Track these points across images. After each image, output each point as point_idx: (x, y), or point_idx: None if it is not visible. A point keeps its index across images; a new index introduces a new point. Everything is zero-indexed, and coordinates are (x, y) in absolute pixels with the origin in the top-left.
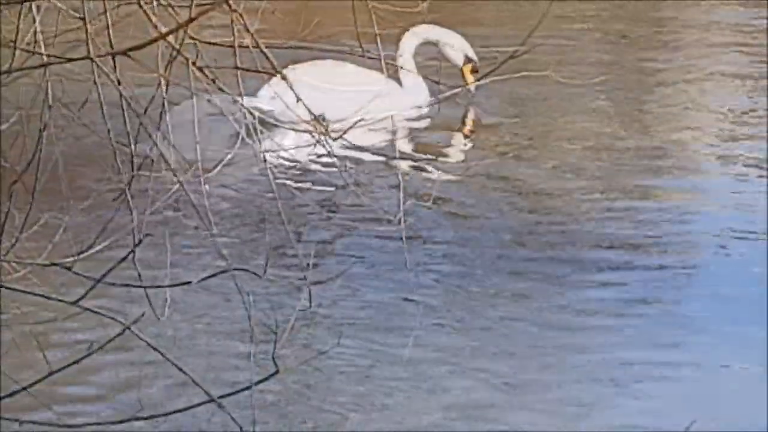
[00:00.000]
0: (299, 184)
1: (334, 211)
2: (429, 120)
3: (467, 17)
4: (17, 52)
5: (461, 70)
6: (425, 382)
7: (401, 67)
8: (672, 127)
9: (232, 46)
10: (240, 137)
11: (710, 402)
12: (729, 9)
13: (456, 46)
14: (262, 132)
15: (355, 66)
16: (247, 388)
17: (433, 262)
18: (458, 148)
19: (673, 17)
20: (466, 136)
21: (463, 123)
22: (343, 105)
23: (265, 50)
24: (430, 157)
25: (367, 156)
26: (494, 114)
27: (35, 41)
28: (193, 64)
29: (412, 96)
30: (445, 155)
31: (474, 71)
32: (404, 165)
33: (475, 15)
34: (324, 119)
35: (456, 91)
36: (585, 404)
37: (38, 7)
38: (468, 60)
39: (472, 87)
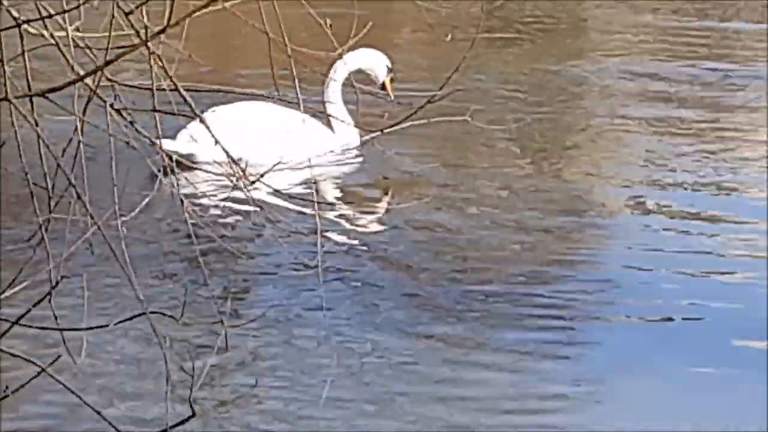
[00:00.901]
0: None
1: (252, 256)
2: (354, 163)
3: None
4: None
5: (383, 85)
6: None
7: (331, 116)
8: (588, 169)
9: (150, 89)
10: (158, 180)
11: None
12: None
13: (376, 61)
14: (178, 174)
15: (279, 107)
16: (163, 431)
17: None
18: (380, 193)
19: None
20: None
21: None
22: (266, 148)
23: (184, 93)
24: (350, 202)
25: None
26: (415, 158)
27: None
28: (111, 106)
29: (340, 138)
30: (368, 201)
31: (392, 80)
32: (325, 210)
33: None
34: (243, 162)
35: (375, 135)
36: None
37: None
38: (390, 70)
39: (391, 96)
